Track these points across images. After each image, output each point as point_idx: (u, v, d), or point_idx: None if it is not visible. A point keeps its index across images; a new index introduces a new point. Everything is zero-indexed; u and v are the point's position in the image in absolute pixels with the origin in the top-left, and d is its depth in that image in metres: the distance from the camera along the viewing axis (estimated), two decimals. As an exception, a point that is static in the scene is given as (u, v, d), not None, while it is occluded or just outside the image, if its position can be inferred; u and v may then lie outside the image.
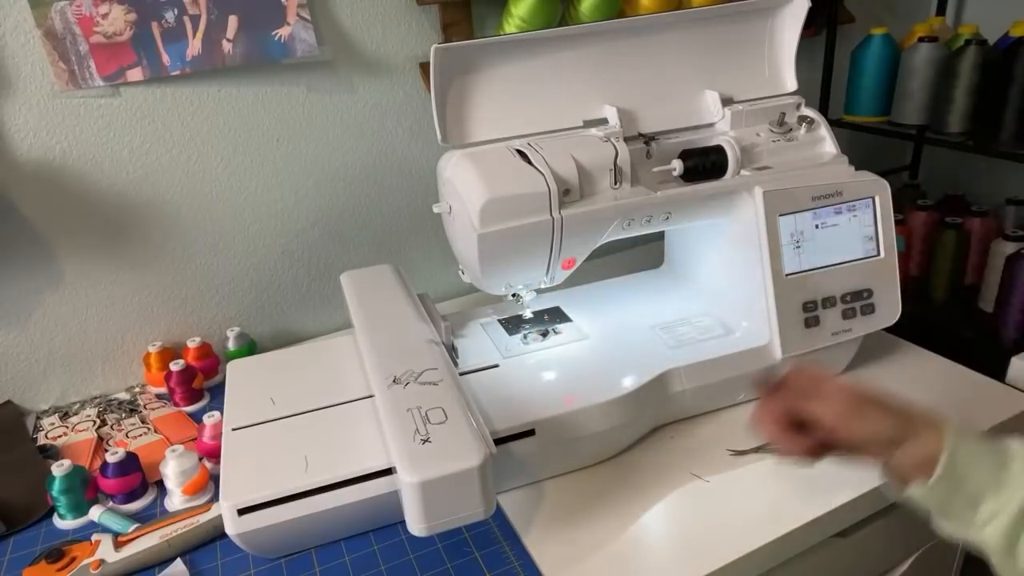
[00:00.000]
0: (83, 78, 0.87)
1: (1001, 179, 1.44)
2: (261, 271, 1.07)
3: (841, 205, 0.82)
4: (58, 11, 0.84)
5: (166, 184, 0.97)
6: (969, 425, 0.58)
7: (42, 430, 0.92)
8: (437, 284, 1.20)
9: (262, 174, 1.02)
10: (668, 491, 0.74)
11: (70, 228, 0.94)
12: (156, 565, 0.69)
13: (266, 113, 0.99)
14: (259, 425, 0.72)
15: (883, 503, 0.76)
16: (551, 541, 0.69)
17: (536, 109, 0.80)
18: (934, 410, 0.60)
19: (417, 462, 0.58)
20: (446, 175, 0.78)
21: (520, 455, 0.73)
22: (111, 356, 1.01)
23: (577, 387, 0.78)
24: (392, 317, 0.81)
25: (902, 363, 0.93)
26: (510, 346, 0.88)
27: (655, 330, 0.89)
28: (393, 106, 1.07)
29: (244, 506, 0.63)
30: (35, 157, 0.89)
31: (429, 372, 0.69)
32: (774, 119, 0.85)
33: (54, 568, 0.68)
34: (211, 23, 0.91)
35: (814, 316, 0.83)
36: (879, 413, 0.60)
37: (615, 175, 0.77)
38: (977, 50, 1.12)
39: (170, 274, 1.02)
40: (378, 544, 0.70)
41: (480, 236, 0.72)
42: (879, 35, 1.24)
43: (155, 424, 0.92)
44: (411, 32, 1.04)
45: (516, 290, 0.84)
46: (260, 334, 1.09)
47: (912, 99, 1.21)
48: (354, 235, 1.12)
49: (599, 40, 0.80)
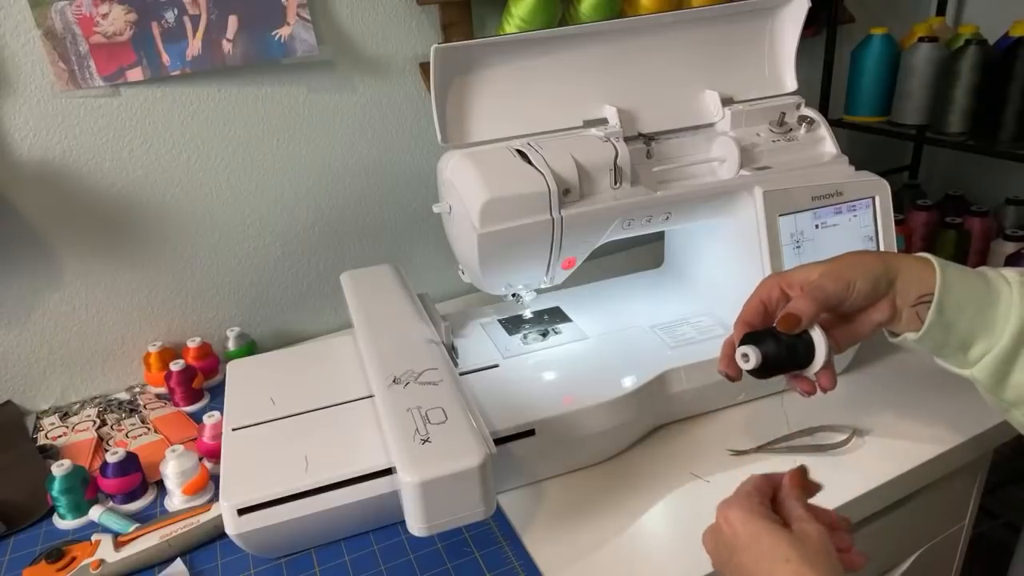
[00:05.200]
0: (83, 78, 0.87)
1: (1001, 179, 1.44)
2: (261, 271, 1.07)
3: (841, 205, 0.82)
4: (58, 11, 0.84)
5: (166, 184, 0.97)
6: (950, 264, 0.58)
7: (42, 430, 0.92)
8: (437, 284, 1.20)
9: (262, 174, 1.03)
10: (668, 491, 0.74)
11: (70, 228, 0.94)
12: (156, 565, 0.69)
13: (266, 113, 0.99)
14: (259, 425, 0.72)
15: (883, 503, 0.76)
16: (551, 541, 0.69)
17: (536, 109, 0.80)
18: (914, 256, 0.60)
19: (417, 462, 0.58)
20: (446, 175, 0.78)
21: (520, 455, 0.73)
22: (111, 356, 1.01)
23: (577, 387, 0.78)
24: (392, 317, 0.81)
25: (902, 363, 0.93)
26: (510, 346, 0.88)
27: (655, 330, 0.89)
28: (393, 106, 1.07)
29: (244, 506, 0.63)
30: (35, 157, 0.89)
31: (429, 372, 0.69)
32: (774, 119, 0.85)
33: (54, 568, 0.68)
34: (211, 23, 0.91)
35: (814, 316, 0.83)
36: (863, 257, 0.59)
37: (615, 175, 0.77)
38: (977, 50, 1.12)
39: (170, 274, 1.02)
40: (378, 544, 0.70)
41: (480, 236, 0.72)
42: (879, 35, 1.24)
43: (155, 424, 0.92)
44: (411, 32, 1.04)
45: (516, 290, 0.84)
46: (260, 334, 1.09)
47: (912, 99, 1.21)
48: (354, 235, 1.12)
49: (599, 40, 0.80)
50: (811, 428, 0.80)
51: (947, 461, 0.78)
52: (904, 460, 0.76)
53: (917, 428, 0.81)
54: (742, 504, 0.49)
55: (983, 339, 0.56)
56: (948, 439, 0.79)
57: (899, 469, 0.75)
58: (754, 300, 0.62)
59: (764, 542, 0.46)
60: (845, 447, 0.78)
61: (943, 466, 0.78)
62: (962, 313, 0.56)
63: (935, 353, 0.60)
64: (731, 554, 0.49)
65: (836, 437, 0.79)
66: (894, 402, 0.85)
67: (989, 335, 0.56)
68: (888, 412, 0.84)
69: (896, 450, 0.78)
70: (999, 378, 0.57)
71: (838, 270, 0.58)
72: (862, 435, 0.80)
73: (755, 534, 0.47)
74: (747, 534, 0.48)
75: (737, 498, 0.51)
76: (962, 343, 0.57)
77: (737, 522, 0.48)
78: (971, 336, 0.57)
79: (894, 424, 0.81)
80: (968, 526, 0.95)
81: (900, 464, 0.76)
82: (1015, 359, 0.55)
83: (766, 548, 0.46)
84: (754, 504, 0.49)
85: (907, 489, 0.77)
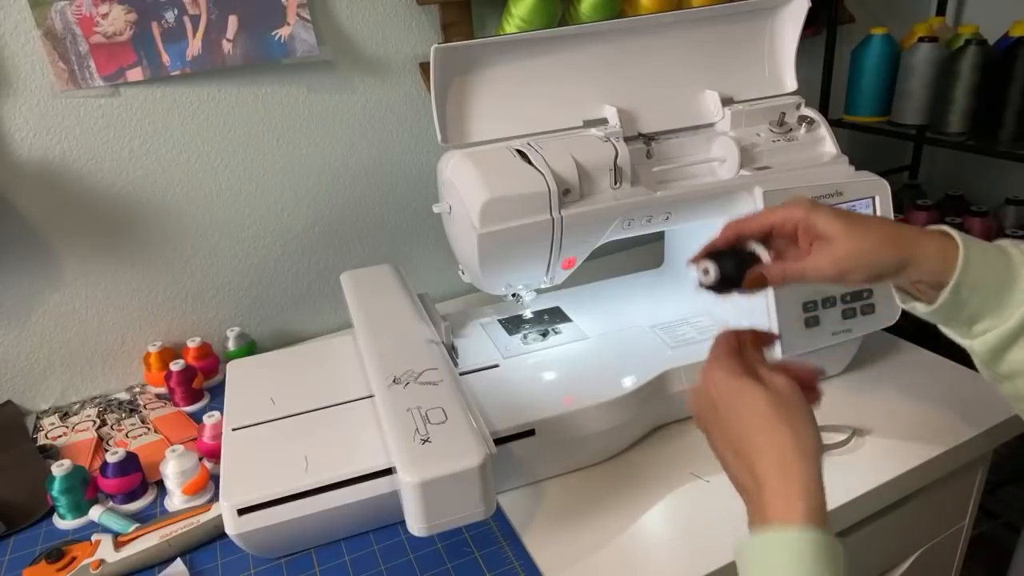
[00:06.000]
0: (83, 78, 0.87)
1: (1001, 179, 1.44)
2: (261, 271, 1.08)
3: (841, 205, 0.82)
4: (58, 11, 0.84)
5: (166, 184, 0.97)
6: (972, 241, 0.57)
7: (42, 430, 0.92)
8: (437, 284, 1.20)
9: (262, 174, 1.03)
10: (668, 491, 0.74)
11: (70, 228, 0.94)
12: (156, 565, 0.69)
13: (266, 113, 1.00)
14: (259, 425, 0.72)
15: (883, 503, 0.76)
16: (551, 541, 0.69)
17: (536, 109, 0.80)
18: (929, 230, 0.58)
19: (417, 462, 0.58)
20: (446, 175, 0.78)
21: (520, 455, 0.73)
22: (111, 356, 1.01)
23: (577, 387, 0.78)
24: (392, 317, 0.81)
25: (902, 363, 0.93)
26: (510, 346, 0.88)
27: (655, 330, 0.89)
28: (393, 106, 1.07)
29: (244, 506, 0.63)
30: (35, 157, 0.89)
31: (429, 372, 0.69)
32: (774, 119, 0.85)
33: (54, 568, 0.68)
34: (211, 23, 0.91)
35: (814, 316, 0.83)
36: (880, 249, 0.56)
37: (615, 175, 0.77)
38: (977, 50, 1.12)
39: (170, 274, 1.02)
40: (378, 544, 0.70)
41: (480, 236, 0.72)
42: (879, 35, 1.24)
43: (155, 424, 0.92)
44: (411, 32, 1.04)
45: (516, 290, 0.84)
46: (260, 334, 1.09)
47: (912, 99, 1.21)
48: (354, 235, 1.12)
49: (599, 40, 0.80)
50: (811, 428, 0.80)
51: (947, 461, 0.78)
52: (904, 460, 0.76)
53: (917, 428, 0.81)
54: (723, 365, 0.53)
55: (991, 317, 0.56)
56: (948, 439, 0.79)
57: (899, 469, 0.75)
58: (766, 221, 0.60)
59: (744, 398, 0.51)
60: (845, 447, 0.78)
61: (943, 466, 0.78)
62: (976, 294, 0.56)
63: (941, 324, 0.61)
64: (715, 410, 0.53)
65: (836, 437, 0.79)
66: (894, 402, 0.85)
67: (998, 315, 0.56)
68: (888, 412, 0.84)
69: (896, 450, 0.78)
70: (996, 353, 0.57)
71: (849, 261, 0.57)
72: (862, 435, 0.80)
73: (736, 390, 0.51)
74: (729, 391, 0.52)
75: (718, 359, 0.54)
76: (971, 318, 0.58)
77: (720, 381, 0.53)
78: (981, 313, 0.57)
79: (894, 424, 0.81)
80: (968, 526, 0.95)
81: (900, 464, 0.76)
82: (1017, 339, 0.56)
83: (746, 402, 0.51)
84: (735, 365, 0.53)
85: (907, 489, 0.77)
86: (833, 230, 0.56)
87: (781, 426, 0.49)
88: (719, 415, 0.52)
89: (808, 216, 0.58)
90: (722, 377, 0.53)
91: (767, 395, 0.50)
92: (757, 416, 0.50)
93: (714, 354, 0.55)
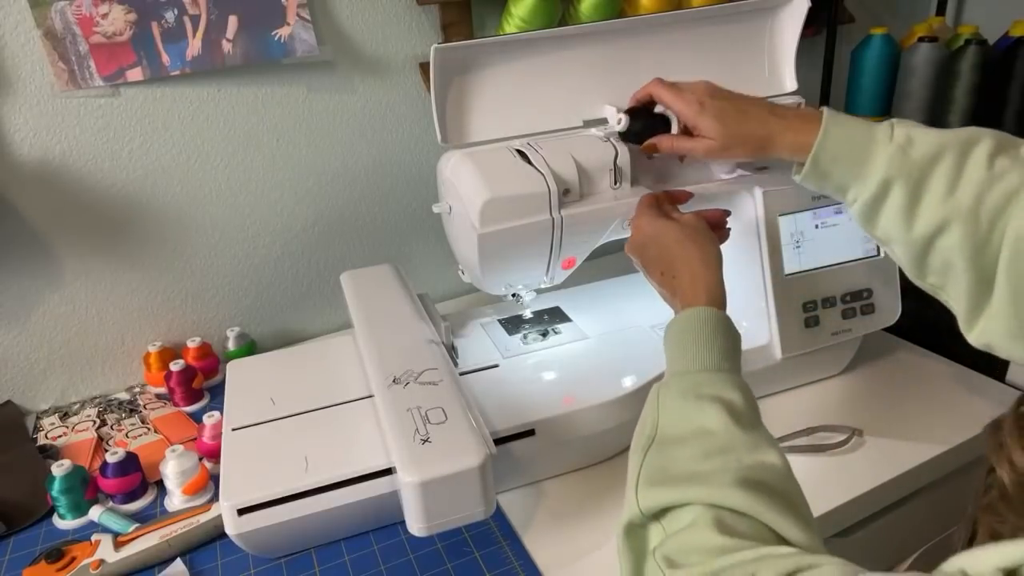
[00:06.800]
0: (83, 78, 0.87)
1: (1001, 179, 1.44)
2: (261, 271, 1.07)
3: (841, 205, 0.82)
4: (58, 11, 0.84)
5: (166, 184, 0.97)
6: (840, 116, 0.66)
7: (42, 430, 0.92)
8: (437, 284, 1.20)
9: (262, 174, 1.02)
10: (668, 491, 0.74)
11: (70, 228, 0.94)
12: (156, 565, 0.69)
13: (266, 113, 0.99)
14: (259, 425, 0.72)
15: (883, 503, 0.76)
16: (551, 541, 0.69)
17: (536, 109, 0.80)
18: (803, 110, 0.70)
19: (417, 462, 0.58)
20: (446, 175, 0.78)
21: (520, 455, 0.73)
22: (111, 356, 1.01)
23: (577, 387, 0.78)
24: (392, 317, 0.81)
25: (902, 363, 0.93)
26: (510, 346, 0.88)
27: (655, 330, 0.89)
28: (393, 106, 1.07)
29: (244, 506, 0.63)
30: (35, 157, 0.89)
31: (429, 372, 0.69)
32: (774, 119, 0.85)
33: (54, 568, 0.68)
34: (211, 23, 0.91)
35: (814, 316, 0.83)
36: (748, 134, 0.69)
37: (615, 175, 0.77)
38: (977, 50, 1.12)
39: (170, 274, 1.02)
40: (378, 544, 0.70)
41: (480, 236, 0.72)
42: (879, 35, 1.24)
43: (155, 424, 0.92)
44: (411, 32, 1.04)
45: (516, 290, 0.84)
46: (260, 334, 1.09)
47: (912, 99, 1.21)
48: (354, 235, 1.12)
49: (599, 40, 0.80)
50: (811, 428, 0.80)
51: (947, 461, 0.78)
52: (904, 460, 0.76)
53: (917, 428, 0.81)
54: (645, 213, 0.69)
55: (855, 187, 0.65)
56: (948, 439, 0.79)
57: (899, 469, 0.75)
58: (666, 101, 0.74)
59: (663, 231, 0.66)
60: (845, 447, 0.78)
61: (943, 466, 0.78)
62: (837, 164, 0.65)
63: (819, 190, 0.70)
64: (644, 247, 0.68)
65: (836, 437, 0.79)
66: (894, 402, 0.86)
67: (860, 185, 0.64)
68: (888, 412, 0.84)
69: (896, 450, 0.78)
70: (867, 219, 0.66)
71: (720, 152, 0.70)
72: (862, 435, 0.80)
73: (657, 228, 0.67)
74: (652, 230, 0.67)
75: (641, 212, 0.70)
76: (840, 188, 0.67)
77: (646, 225, 0.68)
78: (847, 183, 0.66)
79: (894, 424, 0.81)
80: (968, 526, 0.94)
81: (900, 464, 0.76)
82: (880, 206, 0.64)
83: (665, 233, 0.66)
84: (654, 212, 0.69)
85: (907, 489, 0.77)
86: (712, 132, 0.69)
87: (689, 244, 0.64)
88: (648, 250, 0.67)
89: (695, 119, 0.70)
90: (646, 221, 0.68)
91: (679, 226, 0.66)
92: (672, 241, 0.65)
93: (639, 210, 0.71)
